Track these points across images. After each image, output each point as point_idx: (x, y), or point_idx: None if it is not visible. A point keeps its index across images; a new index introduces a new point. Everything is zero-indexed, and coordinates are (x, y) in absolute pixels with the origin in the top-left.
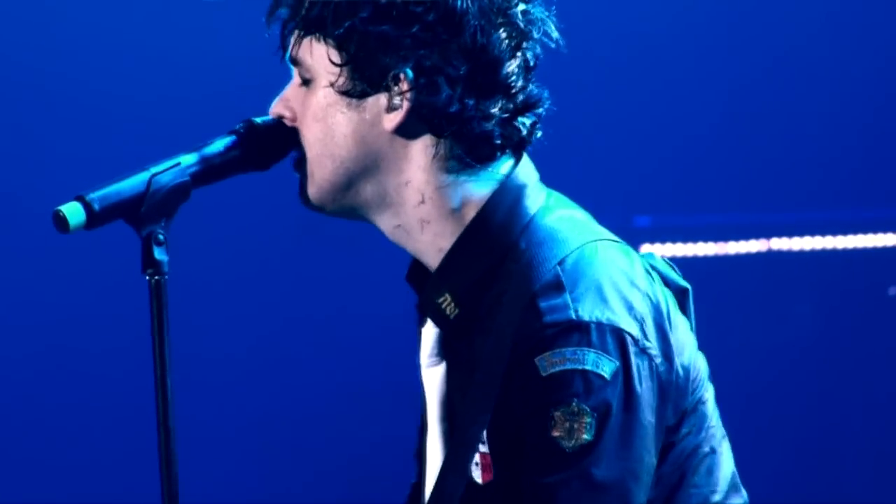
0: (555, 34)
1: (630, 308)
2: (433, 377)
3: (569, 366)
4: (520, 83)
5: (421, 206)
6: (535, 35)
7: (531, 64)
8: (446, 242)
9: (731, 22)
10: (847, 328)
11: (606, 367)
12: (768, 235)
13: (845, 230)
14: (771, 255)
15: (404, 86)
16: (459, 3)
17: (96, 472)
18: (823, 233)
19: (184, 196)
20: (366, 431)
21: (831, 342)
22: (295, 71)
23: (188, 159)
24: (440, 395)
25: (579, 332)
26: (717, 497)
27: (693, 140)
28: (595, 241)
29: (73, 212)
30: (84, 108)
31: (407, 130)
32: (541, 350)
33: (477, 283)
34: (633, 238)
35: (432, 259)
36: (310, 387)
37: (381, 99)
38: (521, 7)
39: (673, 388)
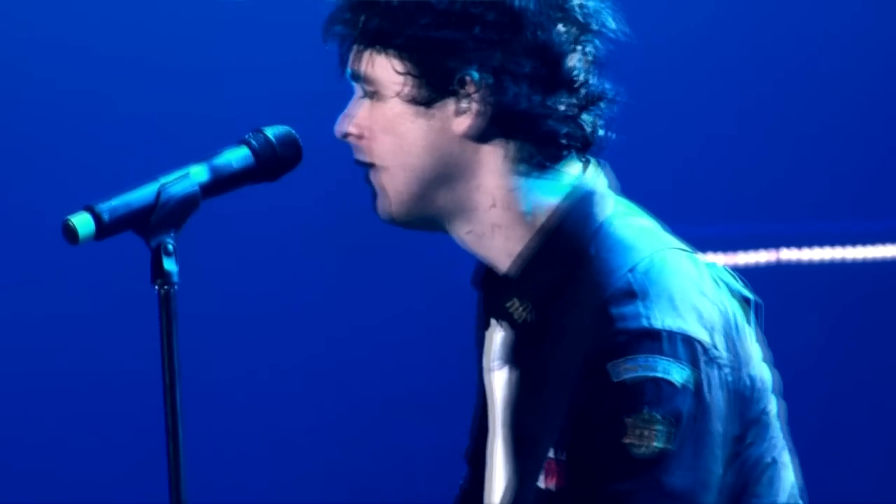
0: (612, 25)
1: (700, 317)
2: (499, 381)
3: (640, 373)
4: (581, 77)
5: (492, 209)
6: (594, 27)
7: (590, 58)
8: (516, 247)
9: (739, 28)
10: (855, 339)
11: (677, 375)
12: (778, 246)
13: (855, 241)
14: (781, 266)
15: (471, 88)
16: (517, 1)
17: (105, 483)
18: (833, 243)
19: (193, 206)
20: (380, 440)
21: (839, 353)
22: (357, 86)
23: (198, 170)
24: (506, 400)
25: (651, 339)
26: None
27: (701, 149)
28: (665, 249)
29: (82, 222)
30: (87, 114)
31: (477, 133)
32: (613, 356)
33: (548, 288)
34: None
35: (502, 263)
36: (321, 399)
37: (449, 104)
38: (578, 1)
39: (740, 397)
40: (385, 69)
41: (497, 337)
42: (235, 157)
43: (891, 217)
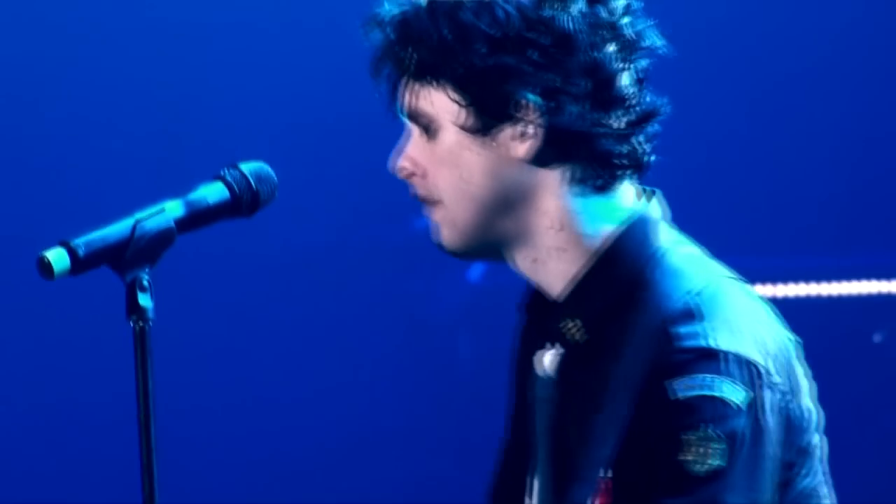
0: (659, 42)
1: (757, 342)
2: (546, 404)
3: (699, 391)
4: (634, 94)
5: (553, 232)
6: (644, 45)
7: (641, 75)
8: (572, 269)
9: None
10: (832, 375)
11: (735, 395)
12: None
13: (829, 277)
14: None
15: (529, 112)
16: (569, 22)
17: None
18: (807, 279)
19: (168, 242)
20: (357, 479)
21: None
22: (410, 123)
23: (173, 206)
24: (553, 424)
25: (710, 359)
26: None
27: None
28: (722, 277)
29: (57, 258)
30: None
31: (539, 157)
32: (674, 374)
33: (605, 310)
34: None
35: (556, 287)
36: (297, 436)
37: (508, 129)
38: (627, 19)
39: (792, 424)
40: (443, 102)
41: (546, 361)
42: (211, 192)
43: (860, 253)
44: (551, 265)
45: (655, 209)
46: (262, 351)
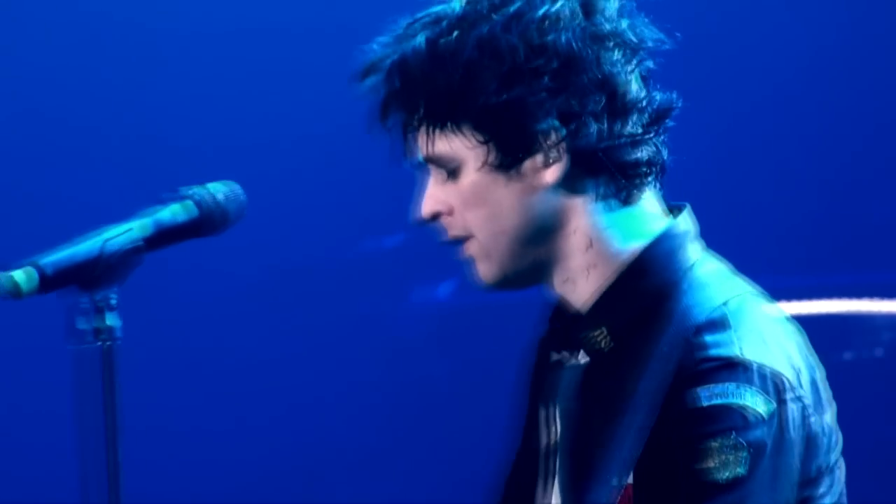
0: (658, 38)
1: (788, 357)
2: (568, 415)
3: (730, 400)
4: (645, 96)
5: (588, 251)
6: (647, 45)
7: (645, 73)
8: (606, 282)
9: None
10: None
11: (764, 406)
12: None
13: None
14: None
15: (553, 138)
16: (573, 42)
17: None
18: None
19: (136, 261)
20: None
21: None
22: (431, 168)
23: (141, 224)
24: (574, 432)
25: (738, 369)
26: None
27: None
28: (754, 294)
29: (25, 277)
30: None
31: (566, 180)
32: (703, 381)
33: (634, 319)
34: None
35: (588, 301)
36: (265, 460)
37: (535, 159)
38: (626, 22)
39: (817, 441)
40: (462, 143)
41: (569, 372)
42: (178, 211)
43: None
44: (581, 282)
45: (684, 223)
46: (230, 371)
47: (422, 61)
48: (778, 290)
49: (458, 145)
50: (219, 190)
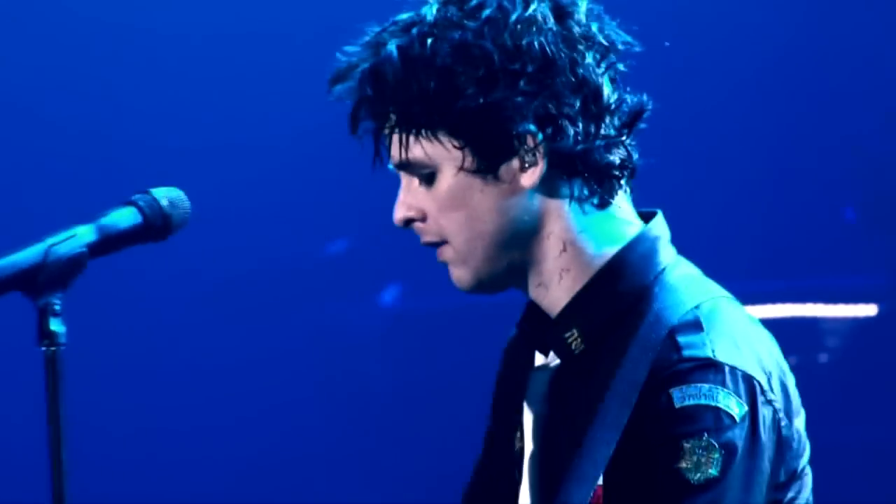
0: (628, 39)
1: (759, 360)
2: (535, 419)
3: (703, 401)
4: (618, 98)
5: (562, 255)
6: (617, 47)
7: (615, 76)
8: (577, 286)
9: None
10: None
11: (736, 409)
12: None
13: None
14: None
15: (531, 141)
16: (547, 45)
17: None
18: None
19: (80, 267)
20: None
21: None
22: (404, 175)
23: (85, 230)
24: (543, 437)
25: (715, 370)
26: None
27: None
28: (725, 297)
29: None
30: None
31: (544, 183)
32: (677, 382)
33: (606, 322)
34: None
35: (560, 304)
36: (209, 467)
37: (514, 162)
38: (595, 25)
39: (787, 445)
40: (439, 149)
41: (541, 375)
42: (122, 217)
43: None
44: (554, 286)
45: (657, 228)
46: (173, 377)
47: (395, 68)
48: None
49: (434, 151)
50: (162, 196)
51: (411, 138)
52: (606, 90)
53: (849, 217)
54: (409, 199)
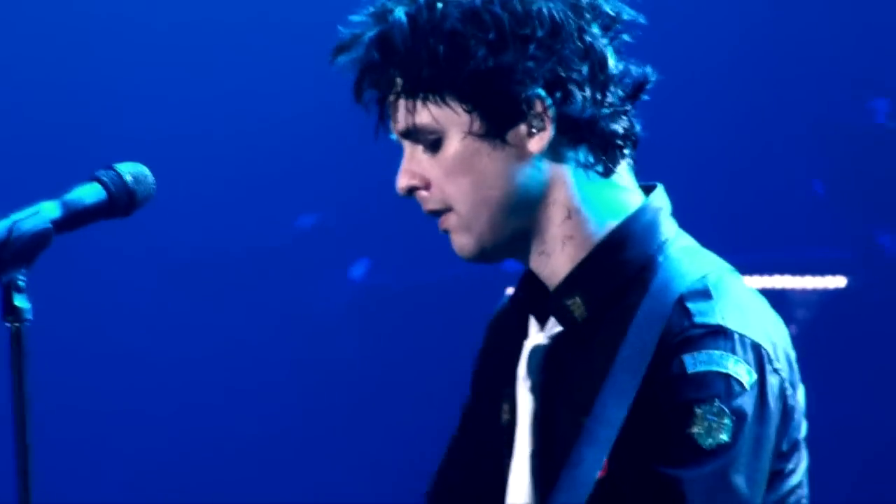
0: (631, 11)
1: (765, 330)
2: (531, 389)
3: (714, 367)
4: (623, 68)
5: (565, 222)
6: (623, 18)
7: (619, 47)
8: (581, 254)
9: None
10: None
11: (746, 376)
12: None
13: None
14: None
15: (540, 106)
16: (556, 12)
17: None
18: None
19: (45, 243)
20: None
21: None
22: (408, 142)
23: (50, 206)
24: (536, 407)
25: (726, 337)
26: None
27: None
28: (728, 268)
29: None
30: None
31: (551, 150)
32: (688, 349)
33: (610, 290)
34: None
35: (562, 273)
36: (180, 440)
37: (522, 127)
38: None
39: (790, 414)
40: (444, 114)
41: (535, 345)
42: (87, 193)
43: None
44: (557, 254)
45: (658, 199)
46: (143, 353)
47: (404, 34)
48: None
49: (442, 116)
50: (127, 171)
51: (419, 103)
52: (612, 59)
53: (817, 190)
54: (413, 166)
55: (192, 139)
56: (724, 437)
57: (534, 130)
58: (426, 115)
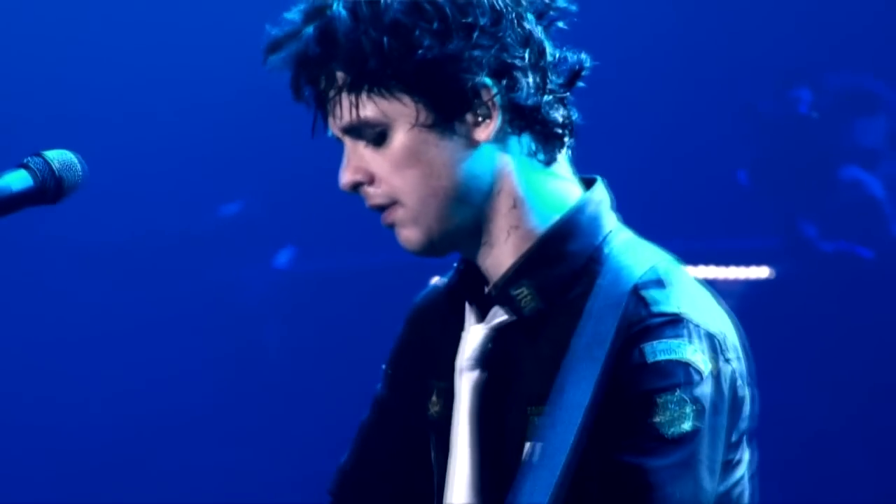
0: (563, 3)
1: (716, 320)
2: (473, 381)
3: (673, 356)
4: (560, 56)
5: (511, 212)
6: (556, 5)
7: (554, 35)
8: (526, 245)
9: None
10: None
11: (703, 365)
12: None
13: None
14: None
15: (486, 94)
16: (495, 0)
17: None
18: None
19: None
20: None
21: None
22: (349, 140)
23: None
24: (479, 399)
25: (683, 326)
26: None
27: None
28: (673, 259)
29: None
30: None
31: (497, 138)
32: (648, 338)
33: (558, 280)
34: None
35: (506, 264)
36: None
37: (469, 116)
38: None
39: (740, 404)
40: (390, 106)
41: (476, 337)
42: (14, 179)
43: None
44: (501, 244)
45: (600, 192)
46: (64, 340)
47: (345, 27)
48: None
49: (388, 109)
50: (54, 158)
51: (363, 96)
52: (548, 46)
53: (741, 180)
54: (356, 161)
55: (117, 127)
56: (686, 426)
57: (481, 119)
58: (371, 108)
